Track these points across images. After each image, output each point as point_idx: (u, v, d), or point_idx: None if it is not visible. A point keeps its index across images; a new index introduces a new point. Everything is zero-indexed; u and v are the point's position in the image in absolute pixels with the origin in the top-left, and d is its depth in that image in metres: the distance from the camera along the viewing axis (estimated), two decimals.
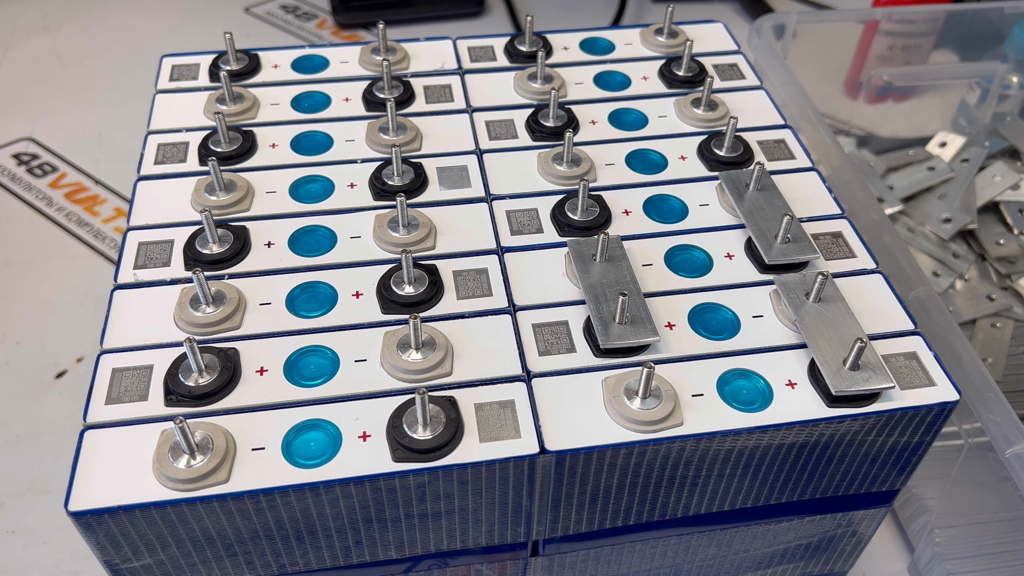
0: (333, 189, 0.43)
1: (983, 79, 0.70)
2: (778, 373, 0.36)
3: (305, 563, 0.36)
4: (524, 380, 0.35)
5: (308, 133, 0.47)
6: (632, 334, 0.36)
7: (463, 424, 0.34)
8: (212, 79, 0.50)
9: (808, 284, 0.38)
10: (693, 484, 0.37)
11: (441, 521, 0.35)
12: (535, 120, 0.47)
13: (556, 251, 0.41)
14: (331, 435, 0.33)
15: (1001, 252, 0.63)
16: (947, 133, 0.70)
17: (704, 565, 0.43)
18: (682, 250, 0.41)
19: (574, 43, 0.53)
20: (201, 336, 0.37)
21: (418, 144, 0.46)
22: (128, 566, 0.34)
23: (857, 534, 0.43)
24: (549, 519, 0.37)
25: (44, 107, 0.80)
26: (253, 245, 0.40)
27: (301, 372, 0.36)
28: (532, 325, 0.37)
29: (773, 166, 0.46)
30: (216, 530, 0.33)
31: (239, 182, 0.43)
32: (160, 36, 0.89)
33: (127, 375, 0.35)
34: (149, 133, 0.46)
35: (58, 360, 0.59)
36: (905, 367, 0.37)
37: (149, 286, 0.39)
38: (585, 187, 0.41)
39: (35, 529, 0.50)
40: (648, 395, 0.34)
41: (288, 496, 0.32)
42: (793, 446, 0.36)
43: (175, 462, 0.32)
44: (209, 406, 0.34)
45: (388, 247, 0.40)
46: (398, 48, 0.51)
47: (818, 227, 0.42)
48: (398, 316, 0.38)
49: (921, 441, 0.37)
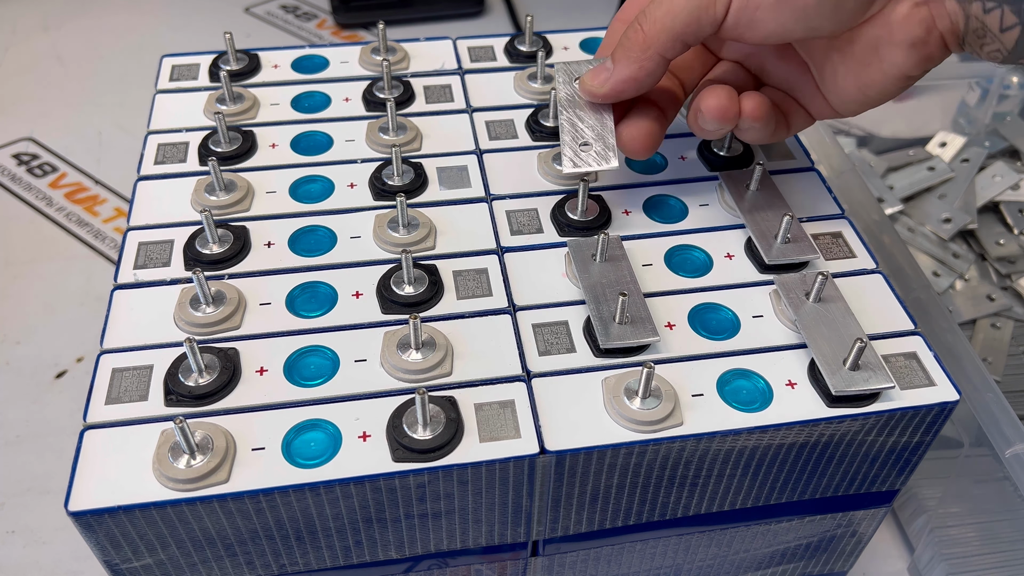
0: (333, 189, 0.43)
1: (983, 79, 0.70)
2: (778, 373, 0.36)
3: (305, 563, 0.36)
4: (524, 380, 0.35)
5: (308, 133, 0.47)
6: (632, 334, 0.36)
7: (463, 424, 0.34)
8: (212, 79, 0.50)
9: (808, 284, 0.38)
10: (693, 484, 0.37)
11: (441, 521, 0.35)
12: (535, 120, 0.47)
13: (556, 251, 0.41)
14: (331, 435, 0.33)
15: (1001, 252, 0.63)
16: (947, 133, 0.70)
17: (704, 565, 0.43)
18: (682, 250, 0.41)
19: (574, 43, 0.53)
20: (201, 336, 0.36)
21: (418, 144, 0.46)
22: (128, 566, 0.34)
23: (857, 534, 0.43)
24: (549, 519, 0.37)
25: (44, 107, 0.80)
26: (253, 245, 0.40)
27: (301, 372, 0.36)
28: (532, 325, 0.37)
29: (773, 166, 0.46)
30: (216, 530, 0.33)
31: (239, 182, 0.43)
32: (160, 36, 0.89)
33: (127, 375, 0.35)
34: (149, 133, 0.46)
35: (58, 360, 0.59)
36: (905, 367, 0.37)
37: (149, 286, 0.39)
38: (585, 187, 0.41)
39: (35, 529, 0.50)
40: (648, 395, 0.34)
41: (288, 496, 0.32)
42: (793, 446, 0.36)
43: (175, 462, 0.32)
44: (209, 406, 0.34)
45: (388, 247, 0.40)
46: (398, 48, 0.51)
47: (818, 227, 0.42)
48: (398, 316, 0.38)
49: (921, 441, 0.37)
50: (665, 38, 0.36)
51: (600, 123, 0.40)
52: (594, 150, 0.39)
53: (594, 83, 0.39)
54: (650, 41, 0.36)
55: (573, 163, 0.39)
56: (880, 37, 0.35)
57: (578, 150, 0.39)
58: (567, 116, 0.40)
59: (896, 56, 0.35)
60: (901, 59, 0.35)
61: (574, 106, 0.40)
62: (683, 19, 0.35)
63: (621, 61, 0.37)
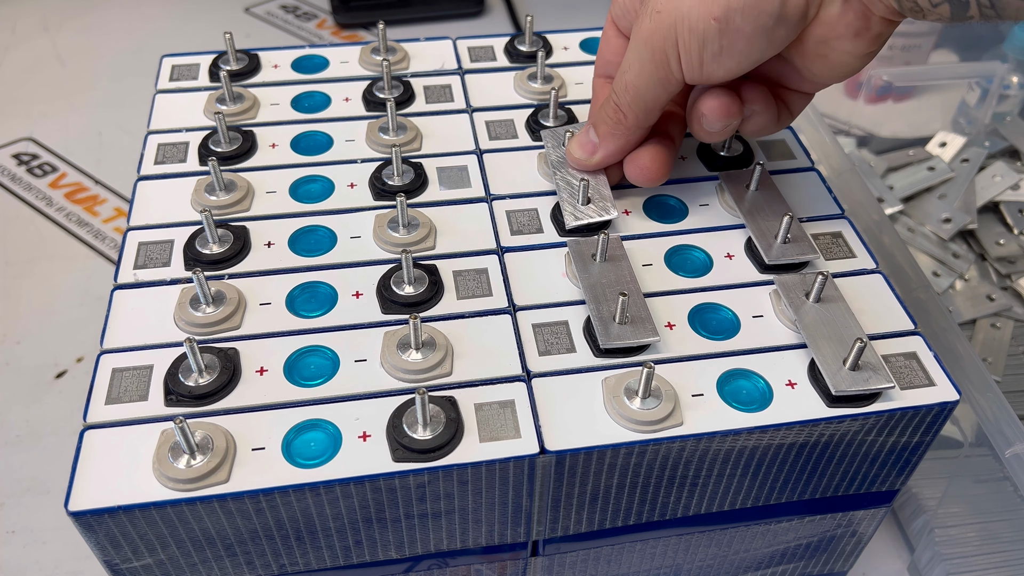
0: (333, 189, 0.43)
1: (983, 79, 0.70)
2: (778, 373, 0.36)
3: (305, 563, 0.36)
4: (524, 380, 0.35)
5: (308, 133, 0.47)
6: (632, 334, 0.36)
7: (463, 424, 0.34)
8: (212, 79, 0.50)
9: (808, 284, 0.38)
10: (693, 484, 0.37)
11: (441, 521, 0.35)
12: (535, 120, 0.47)
13: (556, 251, 0.41)
14: (331, 435, 0.33)
15: (1001, 252, 0.63)
16: (947, 133, 0.70)
17: (704, 565, 0.43)
18: (682, 250, 0.41)
19: (574, 43, 0.53)
20: (201, 336, 0.36)
21: (418, 144, 0.46)
22: (128, 566, 0.34)
23: (857, 534, 0.43)
24: (549, 519, 0.37)
25: (44, 107, 0.80)
26: (253, 245, 0.40)
27: (301, 372, 0.36)
28: (532, 325, 0.37)
29: (773, 166, 0.46)
30: (216, 530, 0.33)
31: (239, 182, 0.43)
32: (160, 36, 0.89)
33: (127, 375, 0.35)
34: (149, 133, 0.46)
35: (58, 360, 0.59)
36: (905, 367, 0.37)
37: (149, 286, 0.39)
38: (585, 187, 0.41)
39: (35, 529, 0.50)
40: (648, 395, 0.34)
41: (288, 496, 0.32)
42: (793, 446, 0.36)
43: (175, 462, 0.32)
44: (209, 406, 0.34)
45: (388, 247, 0.40)
46: (398, 48, 0.51)
47: (818, 227, 0.42)
48: (398, 316, 0.38)
49: (921, 441, 0.37)
50: (640, 112, 0.39)
51: (594, 177, 0.42)
52: (593, 206, 0.41)
53: (582, 155, 0.42)
54: (629, 119, 0.40)
55: (575, 217, 0.41)
56: (824, 35, 0.36)
57: (577, 206, 0.41)
58: (561, 176, 0.42)
59: (845, 45, 0.36)
60: (851, 46, 0.36)
61: (565, 166, 0.43)
62: (652, 94, 0.38)
63: (606, 138, 0.41)
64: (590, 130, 0.41)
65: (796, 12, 0.35)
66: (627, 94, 0.39)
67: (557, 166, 0.43)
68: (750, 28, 0.35)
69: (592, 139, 0.41)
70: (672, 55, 0.37)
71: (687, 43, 0.36)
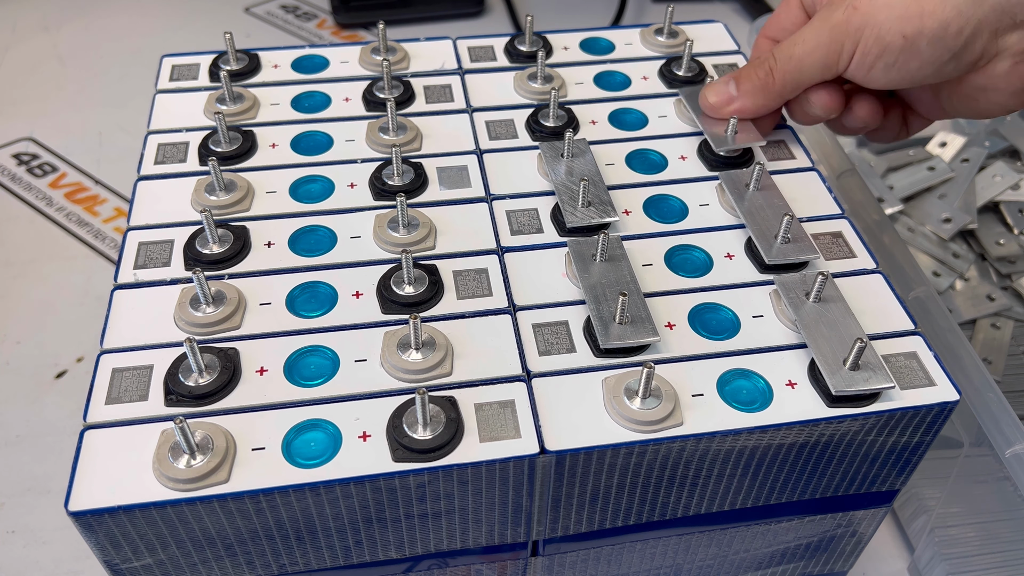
0: (333, 189, 0.43)
1: None
2: (778, 373, 0.36)
3: (305, 563, 0.36)
4: (524, 380, 0.35)
5: (308, 133, 0.47)
6: (632, 334, 0.36)
7: (463, 424, 0.34)
8: (212, 79, 0.50)
9: (808, 284, 0.38)
10: (693, 484, 0.37)
11: (441, 521, 0.35)
12: (535, 120, 0.47)
13: (556, 251, 0.41)
14: (331, 435, 0.33)
15: (1001, 252, 0.63)
16: (947, 133, 0.70)
17: (704, 565, 0.43)
18: (682, 250, 0.41)
19: (574, 43, 0.53)
20: (201, 336, 0.37)
21: (418, 144, 0.46)
22: (128, 566, 0.34)
23: (857, 534, 0.43)
24: (549, 519, 0.37)
25: (44, 107, 0.80)
26: (253, 245, 0.40)
27: (301, 372, 0.36)
28: (532, 325, 0.37)
29: (773, 166, 0.46)
30: (216, 530, 0.33)
31: (239, 182, 0.43)
32: (160, 36, 0.89)
33: (127, 375, 0.35)
34: (149, 133, 0.46)
35: (58, 360, 0.59)
36: (905, 367, 0.37)
37: (149, 286, 0.39)
38: (585, 187, 0.41)
39: (35, 529, 0.50)
40: (648, 395, 0.34)
41: (288, 496, 0.32)
42: (793, 446, 0.36)
43: (175, 462, 0.32)
44: (209, 406, 0.34)
45: (388, 247, 0.40)
46: (398, 48, 0.51)
47: (818, 227, 0.42)
48: (398, 316, 0.38)
49: (921, 441, 0.37)
50: (791, 87, 0.42)
51: (594, 184, 0.42)
52: (594, 208, 0.41)
53: (716, 100, 0.44)
54: (777, 87, 0.42)
55: (577, 218, 0.41)
56: (984, 84, 0.39)
57: (577, 208, 0.41)
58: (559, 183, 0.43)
59: (1000, 98, 0.39)
60: (1004, 99, 0.39)
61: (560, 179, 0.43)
62: (810, 73, 0.41)
63: (746, 95, 0.43)
64: (731, 82, 0.43)
65: (970, 56, 0.38)
66: (789, 63, 0.41)
67: (554, 179, 0.43)
68: (928, 55, 0.37)
69: (731, 91, 0.43)
70: (848, 51, 0.39)
71: (868, 47, 0.38)
